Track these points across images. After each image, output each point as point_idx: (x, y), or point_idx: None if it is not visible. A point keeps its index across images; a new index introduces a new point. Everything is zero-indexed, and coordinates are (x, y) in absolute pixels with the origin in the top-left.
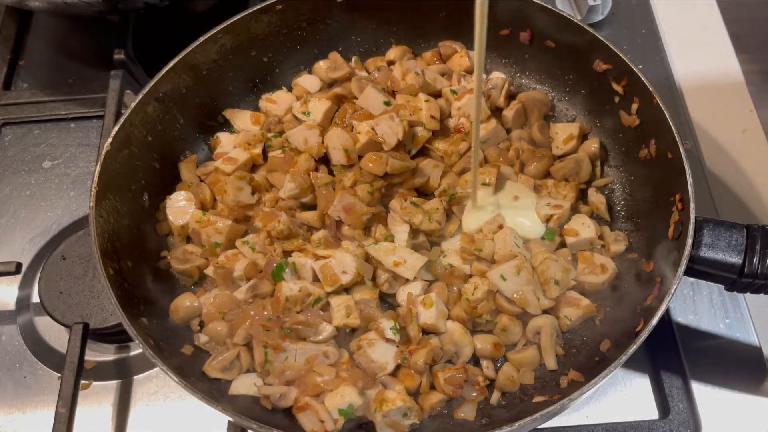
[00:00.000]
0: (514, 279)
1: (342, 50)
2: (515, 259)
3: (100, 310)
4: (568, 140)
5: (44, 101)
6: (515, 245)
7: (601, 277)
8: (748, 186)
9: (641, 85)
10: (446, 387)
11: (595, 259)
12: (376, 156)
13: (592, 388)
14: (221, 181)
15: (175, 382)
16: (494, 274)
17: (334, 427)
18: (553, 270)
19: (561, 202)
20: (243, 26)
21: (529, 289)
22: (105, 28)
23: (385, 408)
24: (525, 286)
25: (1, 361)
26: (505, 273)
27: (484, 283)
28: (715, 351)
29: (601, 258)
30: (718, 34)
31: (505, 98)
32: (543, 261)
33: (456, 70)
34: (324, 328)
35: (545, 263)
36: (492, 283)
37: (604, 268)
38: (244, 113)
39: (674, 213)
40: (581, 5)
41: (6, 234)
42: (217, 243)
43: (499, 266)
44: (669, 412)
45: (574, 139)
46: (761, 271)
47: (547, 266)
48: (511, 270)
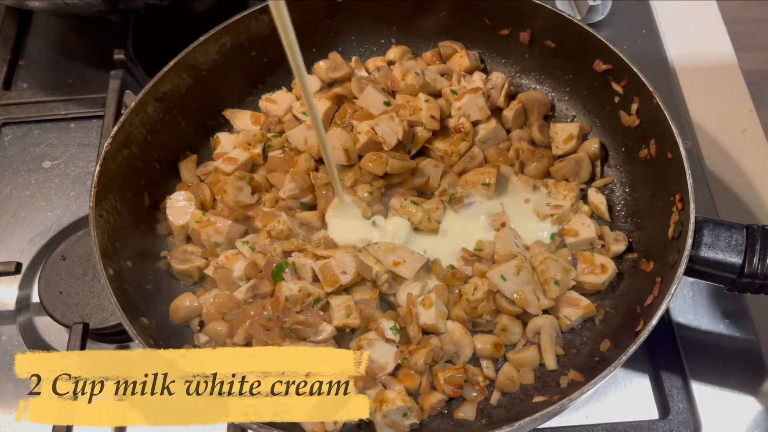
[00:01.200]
0: (514, 279)
1: (342, 50)
2: (515, 259)
3: (100, 310)
4: (568, 140)
5: (44, 101)
6: (515, 245)
7: (601, 277)
8: (748, 186)
9: (641, 85)
10: (446, 387)
11: (595, 259)
12: (376, 156)
13: (592, 388)
14: (221, 181)
15: None
16: (494, 274)
17: (333, 427)
18: (553, 270)
19: (561, 202)
20: (243, 26)
21: (529, 289)
22: (105, 28)
23: (385, 408)
24: (525, 286)
25: (1, 361)
26: (505, 273)
27: (484, 283)
28: (715, 351)
29: (601, 258)
30: (718, 34)
31: (505, 98)
32: (543, 261)
33: (456, 70)
34: (324, 328)
35: (545, 263)
36: (492, 283)
37: (604, 268)
38: (244, 113)
39: (674, 213)
40: (581, 5)
41: (6, 234)
42: (217, 243)
43: (499, 266)
44: (669, 412)
45: (574, 139)
46: (761, 271)
47: (547, 266)
48: (511, 270)
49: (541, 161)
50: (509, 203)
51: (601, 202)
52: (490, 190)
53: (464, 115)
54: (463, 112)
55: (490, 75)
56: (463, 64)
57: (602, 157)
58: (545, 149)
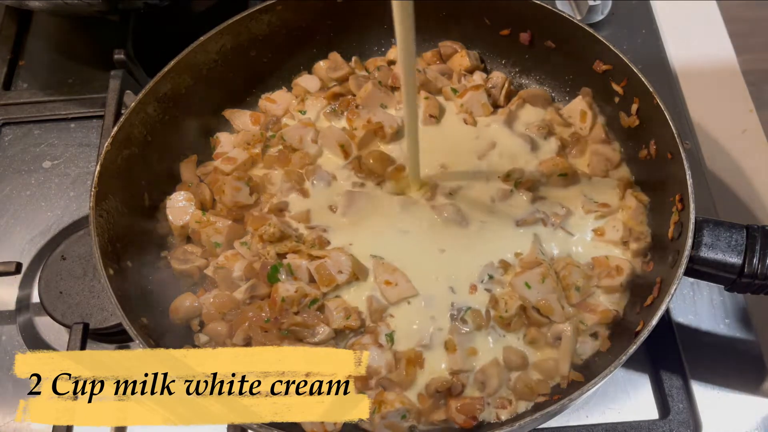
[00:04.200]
0: (539, 287)
1: (342, 50)
2: (540, 267)
3: (100, 310)
4: (583, 117)
5: (44, 101)
6: (539, 252)
7: (617, 279)
8: (748, 186)
9: (641, 86)
10: (458, 416)
11: (610, 261)
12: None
13: (592, 388)
14: (219, 180)
15: None
16: (518, 282)
17: (333, 427)
18: (575, 276)
19: (608, 200)
20: (243, 26)
21: (554, 298)
22: (105, 28)
23: (383, 409)
24: (550, 294)
25: (1, 361)
26: (530, 280)
27: (513, 297)
28: (715, 351)
29: (616, 260)
30: (718, 34)
31: (505, 98)
32: (565, 266)
33: (456, 70)
34: (321, 330)
35: (567, 269)
36: (516, 291)
37: (620, 270)
38: (244, 113)
39: (674, 213)
40: (581, 5)
41: (6, 234)
42: (217, 243)
43: (523, 273)
44: (669, 412)
45: (588, 113)
46: (761, 272)
47: (569, 272)
48: (536, 277)
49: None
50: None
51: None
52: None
53: (467, 111)
54: (465, 108)
55: (490, 74)
56: (463, 64)
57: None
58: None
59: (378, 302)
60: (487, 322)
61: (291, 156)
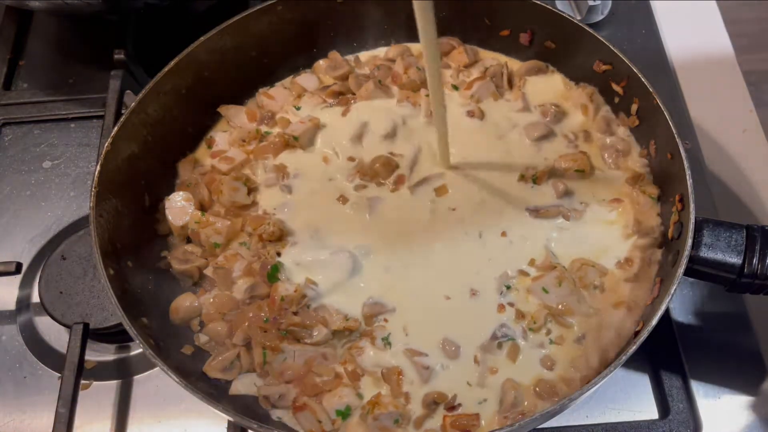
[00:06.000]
0: (557, 291)
1: (342, 50)
2: (555, 270)
3: (100, 310)
4: (584, 110)
5: (44, 101)
6: (552, 254)
7: (629, 271)
8: (748, 186)
9: (641, 86)
10: (451, 430)
11: (619, 255)
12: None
13: (592, 388)
14: (216, 180)
15: (175, 382)
16: (536, 287)
17: (332, 427)
18: (591, 276)
19: (618, 195)
20: (243, 26)
21: (573, 300)
22: (105, 28)
23: (376, 411)
24: (568, 297)
25: (1, 361)
26: (547, 285)
27: (536, 307)
28: (715, 351)
29: (625, 253)
30: (718, 34)
31: (508, 84)
32: (580, 267)
33: (454, 66)
34: (319, 330)
35: (582, 269)
36: (536, 297)
37: (630, 261)
38: (239, 109)
39: (674, 213)
40: (581, 5)
41: (6, 234)
42: (216, 243)
43: (540, 279)
44: (669, 412)
45: (589, 105)
46: (761, 272)
47: (585, 272)
48: (553, 282)
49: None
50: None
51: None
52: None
53: (477, 101)
54: (476, 99)
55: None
56: (462, 60)
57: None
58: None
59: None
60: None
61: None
